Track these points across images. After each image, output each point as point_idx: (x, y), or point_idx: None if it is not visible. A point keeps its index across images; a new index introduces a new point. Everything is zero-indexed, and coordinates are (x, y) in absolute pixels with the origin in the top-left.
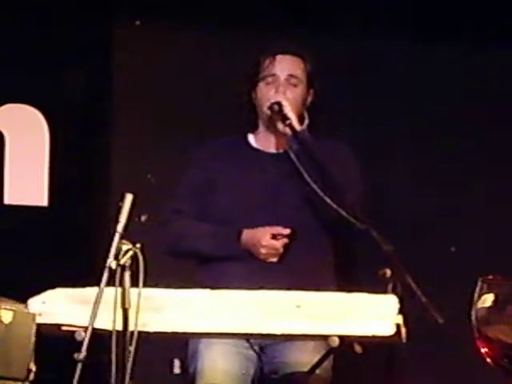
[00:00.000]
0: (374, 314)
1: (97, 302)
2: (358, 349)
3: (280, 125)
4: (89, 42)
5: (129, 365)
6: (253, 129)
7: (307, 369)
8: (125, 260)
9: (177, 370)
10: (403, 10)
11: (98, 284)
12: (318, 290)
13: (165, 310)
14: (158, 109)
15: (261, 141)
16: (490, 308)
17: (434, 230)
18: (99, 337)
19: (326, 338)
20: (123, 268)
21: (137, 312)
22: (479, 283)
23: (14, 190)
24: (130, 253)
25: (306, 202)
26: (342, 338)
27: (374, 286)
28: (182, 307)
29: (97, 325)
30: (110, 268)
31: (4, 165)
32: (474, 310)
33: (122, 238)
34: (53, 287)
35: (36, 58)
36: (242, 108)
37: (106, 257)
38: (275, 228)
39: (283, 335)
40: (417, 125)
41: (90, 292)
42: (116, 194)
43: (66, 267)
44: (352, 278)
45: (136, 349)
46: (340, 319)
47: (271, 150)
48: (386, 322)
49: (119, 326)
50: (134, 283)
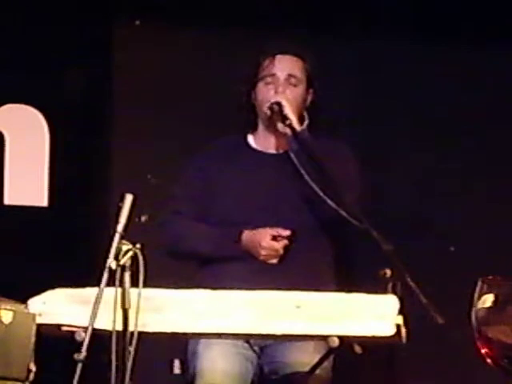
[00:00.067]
0: (374, 315)
1: (97, 303)
2: (357, 349)
3: (280, 125)
4: (89, 42)
5: (129, 365)
6: (252, 129)
7: (307, 369)
8: (125, 260)
9: (177, 371)
10: (403, 10)
11: (98, 284)
12: (318, 290)
13: (165, 310)
14: (158, 109)
15: (260, 141)
16: (489, 308)
17: (434, 229)
18: (99, 337)
19: (326, 338)
20: (123, 268)
21: (137, 312)
22: (479, 283)
23: (14, 190)
24: (130, 253)
25: (306, 202)
26: (341, 339)
27: (374, 286)
28: (181, 307)
29: (97, 325)
30: (110, 268)
31: (4, 165)
32: (474, 310)
33: (122, 238)
34: (53, 287)
35: (36, 57)
36: (241, 108)
37: (106, 257)
38: (275, 229)
39: (283, 335)
40: (417, 125)
41: (90, 292)
42: (116, 194)
43: (66, 267)
44: (352, 278)
45: (136, 349)
46: (340, 319)
47: (271, 150)
48: (385, 323)
49: (119, 327)
50: (134, 283)
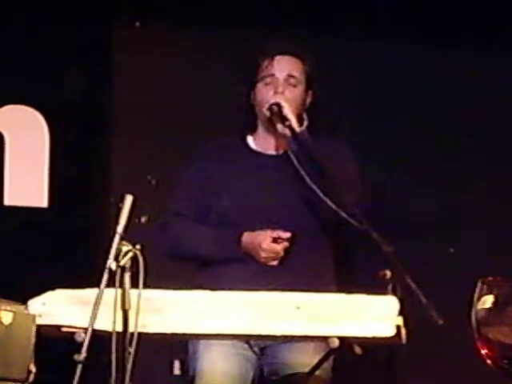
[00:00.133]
0: (374, 315)
1: (97, 303)
2: (357, 350)
3: (279, 126)
4: (89, 42)
5: (129, 366)
6: (252, 130)
7: (307, 370)
8: (125, 261)
9: (177, 371)
10: (403, 10)
11: (97, 285)
12: (318, 291)
13: (165, 311)
14: (158, 109)
15: (260, 142)
16: (489, 309)
17: (434, 230)
18: (99, 338)
19: (326, 339)
20: (123, 269)
21: (137, 313)
22: (479, 284)
23: (14, 191)
24: (130, 254)
25: (306, 203)
26: (341, 339)
27: (374, 287)
28: (181, 308)
29: (97, 326)
30: (110, 269)
31: (4, 166)
32: (473, 311)
33: (122, 239)
34: (53, 288)
35: (36, 58)
36: (240, 109)
37: (106, 258)
38: (276, 231)
39: (283, 336)
40: (417, 125)
41: (90, 293)
42: (116, 194)
43: (66, 268)
44: (352, 279)
45: (136, 350)
46: (340, 320)
47: (270, 151)
48: (385, 323)
49: (119, 327)
50: (134, 284)
